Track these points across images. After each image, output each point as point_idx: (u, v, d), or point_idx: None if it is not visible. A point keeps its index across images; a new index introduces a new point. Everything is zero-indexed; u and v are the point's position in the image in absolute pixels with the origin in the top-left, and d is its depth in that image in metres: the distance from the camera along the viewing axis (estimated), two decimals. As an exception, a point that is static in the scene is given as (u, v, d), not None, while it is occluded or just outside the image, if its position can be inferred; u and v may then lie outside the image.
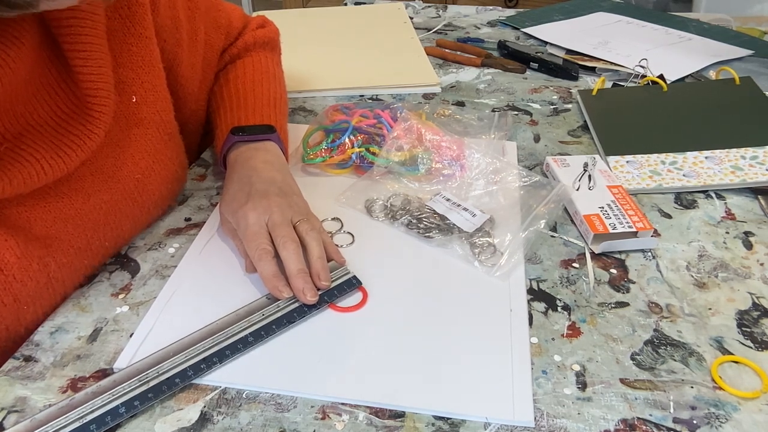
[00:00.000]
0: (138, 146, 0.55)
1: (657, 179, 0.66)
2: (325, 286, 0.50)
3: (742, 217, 0.62)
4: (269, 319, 0.48)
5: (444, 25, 1.18)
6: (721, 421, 0.41)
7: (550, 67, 0.96)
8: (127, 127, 0.54)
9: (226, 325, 0.48)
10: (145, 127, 0.56)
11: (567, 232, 0.60)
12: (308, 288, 0.49)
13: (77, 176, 0.50)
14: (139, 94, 0.55)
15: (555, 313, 0.50)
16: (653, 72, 0.84)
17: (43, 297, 0.48)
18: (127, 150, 0.54)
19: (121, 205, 0.54)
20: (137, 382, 0.43)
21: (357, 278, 0.52)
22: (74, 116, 0.48)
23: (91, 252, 0.52)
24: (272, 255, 0.50)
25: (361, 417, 0.42)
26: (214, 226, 0.60)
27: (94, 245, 0.52)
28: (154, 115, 0.56)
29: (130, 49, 0.53)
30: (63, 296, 0.51)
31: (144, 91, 0.55)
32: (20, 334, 0.48)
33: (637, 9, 1.22)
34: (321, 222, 0.57)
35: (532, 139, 0.77)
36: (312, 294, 0.49)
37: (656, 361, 0.46)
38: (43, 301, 0.49)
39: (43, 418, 0.40)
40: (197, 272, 0.54)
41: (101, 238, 0.52)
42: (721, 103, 0.78)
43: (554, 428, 0.41)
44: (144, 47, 0.54)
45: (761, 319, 0.50)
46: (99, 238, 0.52)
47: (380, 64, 0.97)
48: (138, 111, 0.55)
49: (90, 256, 0.52)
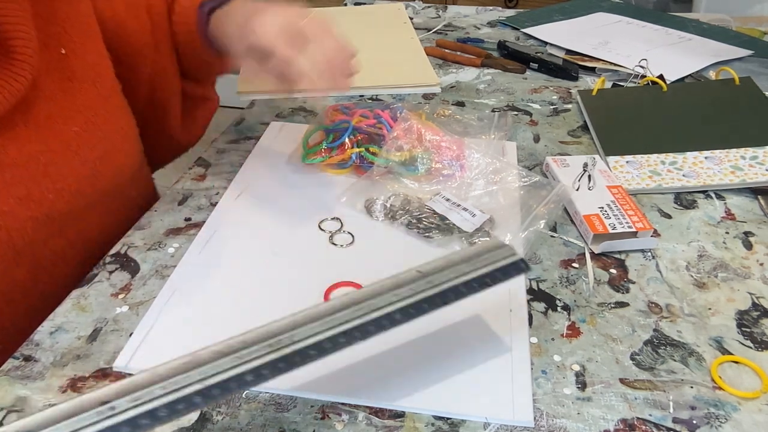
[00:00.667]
0: (72, 100, 0.56)
1: (657, 179, 0.66)
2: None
3: (742, 217, 0.62)
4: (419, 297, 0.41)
5: (444, 25, 1.18)
6: (720, 421, 0.41)
7: (550, 67, 0.96)
8: (60, 80, 0.55)
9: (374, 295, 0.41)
10: (79, 82, 0.56)
11: (567, 232, 0.60)
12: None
13: (9, 125, 0.51)
14: (69, 48, 0.55)
15: (555, 313, 0.50)
16: (653, 72, 0.84)
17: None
18: (60, 103, 0.55)
19: (60, 157, 0.54)
20: (267, 347, 0.37)
21: (525, 262, 0.45)
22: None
23: (33, 202, 0.52)
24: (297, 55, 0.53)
25: (360, 417, 0.42)
26: (214, 226, 0.60)
27: (35, 195, 0.52)
28: (88, 69, 0.57)
29: (53, 4, 0.54)
30: (12, 250, 0.51)
31: (73, 44, 0.56)
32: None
33: (637, 9, 1.22)
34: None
35: (532, 139, 0.77)
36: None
37: (656, 361, 0.46)
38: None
39: (165, 372, 0.35)
40: (197, 272, 0.54)
41: (42, 189, 0.52)
42: (721, 103, 0.78)
43: (554, 428, 0.41)
44: (68, 3, 0.55)
45: (761, 319, 0.50)
46: (40, 189, 0.52)
47: (380, 65, 0.97)
48: (69, 64, 0.56)
49: (32, 206, 0.52)
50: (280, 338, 0.37)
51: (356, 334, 0.38)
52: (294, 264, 0.55)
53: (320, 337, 0.38)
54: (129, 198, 0.64)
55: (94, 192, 0.58)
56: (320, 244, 0.58)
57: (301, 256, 0.56)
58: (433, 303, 0.40)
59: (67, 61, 0.55)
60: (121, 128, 0.60)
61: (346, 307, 0.39)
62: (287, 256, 0.56)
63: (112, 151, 0.59)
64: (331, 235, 0.59)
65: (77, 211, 0.56)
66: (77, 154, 0.55)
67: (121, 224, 0.61)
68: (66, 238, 0.56)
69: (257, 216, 0.61)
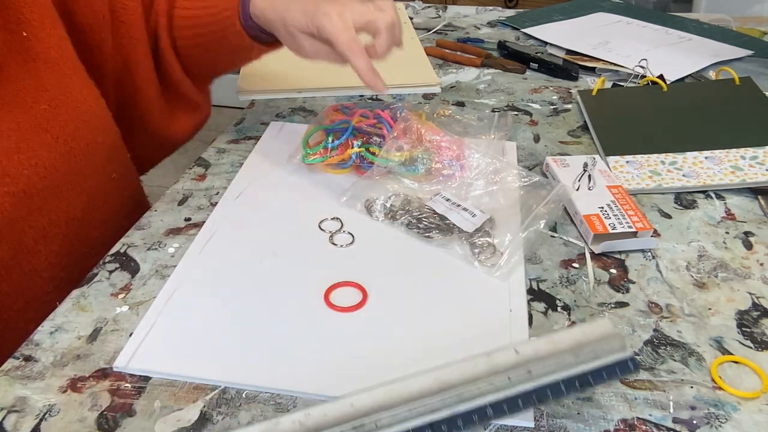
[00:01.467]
0: (38, 79, 0.57)
1: (657, 179, 0.66)
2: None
3: (742, 217, 0.62)
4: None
5: (444, 25, 1.18)
6: (720, 421, 0.41)
7: (550, 67, 0.96)
8: (24, 61, 0.56)
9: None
10: (42, 62, 0.57)
11: (567, 232, 0.60)
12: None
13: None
14: (29, 30, 0.56)
15: (555, 313, 0.50)
16: (653, 72, 0.84)
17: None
18: (26, 83, 0.56)
19: (31, 134, 0.55)
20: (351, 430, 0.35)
21: (635, 361, 0.39)
22: None
23: (9, 178, 0.53)
24: (363, 47, 0.57)
25: (360, 417, 0.41)
26: (214, 226, 0.60)
27: (10, 171, 0.53)
28: (50, 50, 0.58)
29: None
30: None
31: (32, 27, 0.57)
32: None
33: (637, 9, 1.22)
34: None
35: (532, 139, 0.77)
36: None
37: (656, 361, 0.46)
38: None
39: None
40: (197, 272, 0.54)
41: (17, 165, 0.53)
42: (721, 104, 0.78)
43: (554, 428, 0.41)
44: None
45: (761, 319, 0.50)
46: (14, 165, 0.53)
47: (380, 65, 0.97)
48: (32, 46, 0.57)
49: (8, 182, 0.53)
50: (363, 421, 0.35)
51: (443, 427, 0.36)
52: (294, 264, 0.55)
53: (406, 426, 0.35)
54: (108, 177, 0.65)
55: (70, 169, 0.58)
56: (320, 244, 0.58)
57: (301, 256, 0.56)
58: (527, 400, 0.37)
59: (29, 43, 0.57)
60: (90, 107, 0.61)
61: (434, 393, 0.37)
62: (287, 256, 0.56)
63: (83, 128, 0.60)
64: (331, 235, 0.59)
65: (54, 187, 0.57)
66: (48, 131, 0.56)
67: (104, 206, 0.63)
68: (48, 216, 0.57)
69: (257, 216, 0.61)
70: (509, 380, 0.37)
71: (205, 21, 0.69)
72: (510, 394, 0.36)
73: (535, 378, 0.37)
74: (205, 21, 0.69)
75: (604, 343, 0.39)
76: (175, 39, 0.71)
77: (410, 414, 0.35)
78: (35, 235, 0.56)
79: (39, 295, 0.56)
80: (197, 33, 0.70)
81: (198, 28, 0.70)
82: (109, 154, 0.65)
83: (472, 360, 0.38)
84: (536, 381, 0.37)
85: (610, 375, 0.39)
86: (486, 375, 0.37)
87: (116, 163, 0.67)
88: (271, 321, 0.49)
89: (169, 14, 0.70)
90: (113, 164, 0.66)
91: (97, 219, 0.61)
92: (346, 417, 0.35)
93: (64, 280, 0.58)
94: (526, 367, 0.37)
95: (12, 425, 0.40)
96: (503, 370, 0.37)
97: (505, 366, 0.37)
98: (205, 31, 0.69)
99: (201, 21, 0.69)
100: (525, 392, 0.37)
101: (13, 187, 0.53)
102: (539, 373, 0.37)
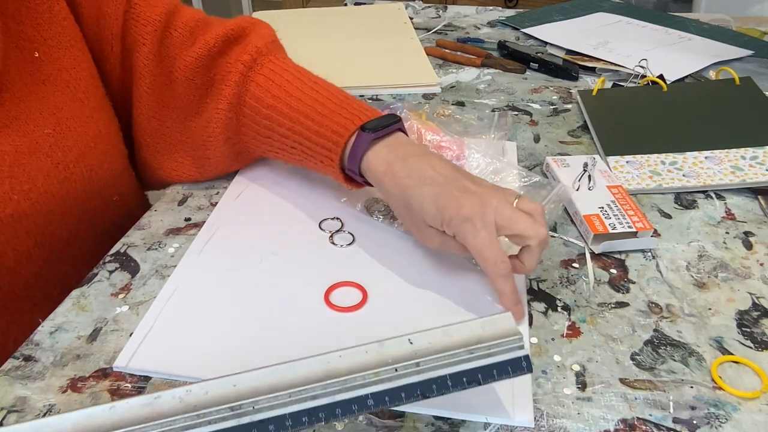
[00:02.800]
0: (44, 102, 0.54)
1: (657, 179, 0.66)
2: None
3: (742, 217, 0.62)
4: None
5: (444, 25, 1.18)
6: (721, 421, 0.41)
7: (550, 67, 0.96)
8: (32, 83, 0.54)
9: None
10: (52, 84, 0.55)
11: (567, 232, 0.60)
12: None
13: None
14: (42, 51, 0.54)
15: (555, 313, 0.50)
16: (653, 72, 0.84)
17: None
18: (31, 105, 0.53)
19: (28, 159, 0.52)
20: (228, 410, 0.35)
21: (529, 361, 0.38)
22: None
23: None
24: (511, 268, 0.46)
25: (360, 417, 0.41)
26: (214, 226, 0.60)
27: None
28: (61, 72, 0.55)
29: (27, 6, 0.53)
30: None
31: (47, 48, 0.54)
32: None
33: (637, 9, 1.22)
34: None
35: (532, 139, 0.77)
36: None
37: (656, 361, 0.46)
38: None
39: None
40: (197, 272, 0.54)
41: (7, 190, 0.51)
42: (721, 104, 0.78)
43: (554, 428, 0.41)
44: (43, 4, 0.54)
45: (761, 319, 0.50)
46: (4, 190, 0.51)
47: (380, 65, 0.97)
48: (42, 67, 0.54)
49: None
50: (241, 402, 0.35)
51: (320, 414, 0.35)
52: (294, 264, 0.55)
53: (283, 411, 0.35)
54: (107, 201, 0.61)
55: (66, 194, 0.55)
56: (320, 244, 0.58)
57: (301, 256, 0.56)
58: (411, 394, 0.36)
59: (40, 63, 0.54)
60: (99, 131, 0.58)
61: (319, 380, 0.36)
62: (287, 256, 0.56)
63: (87, 153, 0.57)
64: (331, 235, 0.59)
65: (45, 212, 0.54)
66: (49, 156, 0.54)
67: (96, 224, 0.59)
68: (34, 239, 0.54)
69: (257, 216, 0.61)
70: (395, 371, 0.37)
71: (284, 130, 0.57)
72: (394, 386, 0.36)
73: (423, 371, 0.37)
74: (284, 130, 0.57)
75: (502, 340, 0.38)
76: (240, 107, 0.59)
77: (290, 400, 0.35)
78: (17, 257, 0.54)
79: (18, 314, 0.54)
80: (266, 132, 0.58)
81: (270, 130, 0.58)
82: (112, 178, 0.61)
83: (364, 347, 0.37)
84: (423, 375, 0.37)
85: (501, 374, 0.38)
86: (375, 365, 0.37)
87: (120, 186, 0.64)
88: (271, 321, 0.49)
89: (245, 74, 0.59)
90: (116, 188, 0.63)
91: (87, 239, 0.59)
92: (226, 397, 0.35)
93: (42, 299, 0.56)
94: (415, 360, 0.37)
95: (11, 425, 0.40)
96: (392, 362, 0.37)
97: (394, 357, 0.37)
98: (278, 136, 0.58)
99: (281, 128, 0.57)
100: (410, 385, 0.36)
101: (0, 212, 0.51)
102: (428, 366, 0.37)
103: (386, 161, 0.51)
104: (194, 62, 0.59)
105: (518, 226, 0.45)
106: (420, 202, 0.48)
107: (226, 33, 0.59)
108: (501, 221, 0.45)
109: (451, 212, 0.46)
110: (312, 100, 0.56)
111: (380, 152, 0.51)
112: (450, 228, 0.47)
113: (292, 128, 0.56)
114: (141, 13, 0.58)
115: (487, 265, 0.45)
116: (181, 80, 0.60)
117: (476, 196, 0.46)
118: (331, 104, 0.55)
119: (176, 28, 0.59)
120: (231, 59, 0.59)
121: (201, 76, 0.60)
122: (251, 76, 0.59)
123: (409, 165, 0.50)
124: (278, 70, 0.59)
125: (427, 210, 0.47)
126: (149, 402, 0.34)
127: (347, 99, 0.56)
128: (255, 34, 0.61)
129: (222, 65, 0.60)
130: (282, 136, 0.57)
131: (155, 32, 0.58)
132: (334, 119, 0.53)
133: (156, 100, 0.61)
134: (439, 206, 0.47)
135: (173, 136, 0.64)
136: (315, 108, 0.55)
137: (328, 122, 0.54)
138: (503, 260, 0.45)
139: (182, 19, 0.60)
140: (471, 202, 0.46)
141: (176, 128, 0.63)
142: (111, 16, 0.57)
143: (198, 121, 0.62)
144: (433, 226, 0.48)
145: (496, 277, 0.45)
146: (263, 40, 0.61)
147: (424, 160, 0.50)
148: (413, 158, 0.50)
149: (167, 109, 0.62)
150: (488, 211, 0.45)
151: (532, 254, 0.46)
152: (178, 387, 0.35)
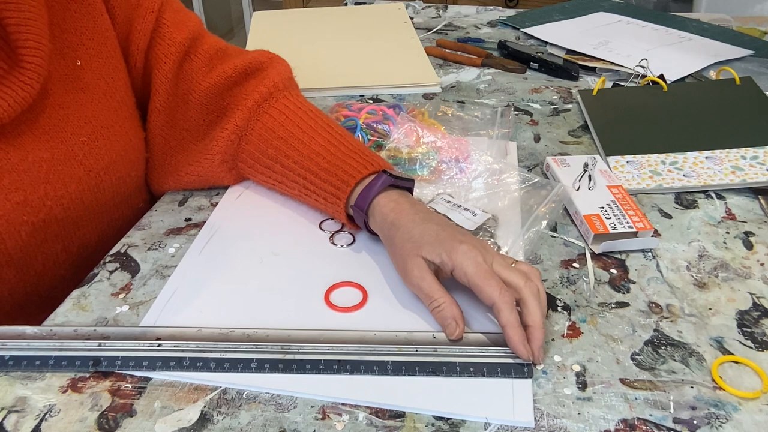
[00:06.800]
0: (83, 110, 0.55)
1: (657, 179, 0.66)
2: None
3: (743, 217, 0.62)
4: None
5: (444, 25, 1.18)
6: (721, 421, 0.41)
7: (551, 67, 0.96)
8: (73, 90, 0.55)
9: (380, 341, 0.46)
10: (91, 93, 0.56)
11: (567, 232, 0.60)
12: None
13: (15, 132, 0.51)
14: (84, 59, 0.55)
15: (555, 314, 0.50)
16: (653, 72, 0.84)
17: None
18: (70, 112, 0.54)
19: (63, 165, 0.54)
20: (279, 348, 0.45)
21: (531, 368, 0.44)
22: (6, 68, 0.48)
23: (30, 208, 0.52)
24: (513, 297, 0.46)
25: (361, 417, 0.41)
26: (214, 226, 0.60)
27: (33, 201, 0.52)
28: (100, 80, 0.57)
29: (73, 15, 0.54)
30: (2, 253, 0.51)
31: (88, 56, 0.55)
32: None
33: (637, 9, 1.22)
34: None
35: (532, 139, 0.77)
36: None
37: (656, 361, 0.46)
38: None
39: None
40: (197, 272, 0.54)
41: (41, 196, 0.52)
42: (721, 103, 0.78)
43: (554, 428, 0.41)
44: (87, 14, 0.55)
45: (761, 319, 0.50)
46: (39, 196, 0.52)
47: (380, 64, 0.97)
48: (83, 75, 0.55)
49: (29, 212, 0.52)
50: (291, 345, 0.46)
51: (347, 366, 0.44)
52: (294, 264, 0.55)
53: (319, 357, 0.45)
54: (134, 207, 0.64)
55: (96, 201, 0.57)
56: (320, 244, 0.58)
57: (301, 256, 0.56)
58: (424, 369, 0.44)
59: (81, 71, 0.55)
60: (129, 140, 0.60)
61: (353, 342, 0.46)
62: (287, 256, 0.56)
63: (118, 162, 0.58)
64: (332, 236, 0.59)
65: (76, 218, 0.56)
66: (82, 163, 0.55)
67: (122, 230, 0.61)
68: (62, 243, 0.56)
69: (257, 216, 0.61)
70: (416, 351, 0.46)
71: (291, 163, 0.59)
72: (412, 360, 0.45)
73: (438, 355, 0.45)
74: (291, 163, 0.59)
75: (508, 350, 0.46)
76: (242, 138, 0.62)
77: (327, 350, 0.46)
78: (45, 261, 0.55)
79: (42, 317, 0.55)
80: (268, 163, 0.60)
81: (273, 160, 0.60)
82: (138, 186, 0.63)
83: (395, 332, 0.47)
84: (438, 358, 0.45)
85: (504, 373, 0.44)
86: (401, 343, 0.46)
87: (144, 193, 0.66)
88: (271, 321, 0.49)
89: (260, 104, 0.62)
90: (141, 195, 0.65)
91: (111, 245, 0.59)
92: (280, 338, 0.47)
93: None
94: (434, 346, 0.46)
95: (12, 425, 0.40)
96: (415, 344, 0.46)
97: (417, 341, 0.47)
98: (281, 167, 0.60)
99: (287, 160, 0.59)
100: (425, 362, 0.45)
101: (33, 217, 0.52)
102: (444, 353, 0.46)
103: (396, 200, 0.53)
104: (210, 88, 0.61)
105: (510, 276, 0.46)
106: (422, 233, 0.49)
107: (245, 65, 0.62)
108: (496, 267, 0.47)
109: (453, 244, 0.47)
110: (325, 140, 0.58)
111: (392, 194, 0.54)
112: (450, 256, 0.47)
113: (299, 162, 0.58)
114: (167, 34, 0.60)
115: (492, 293, 0.45)
116: (196, 104, 0.62)
117: (478, 243, 0.48)
118: (345, 148, 0.58)
119: (197, 54, 0.62)
120: (247, 90, 0.62)
121: (214, 103, 0.62)
122: (265, 107, 0.62)
123: (417, 207, 0.53)
124: (293, 107, 0.62)
125: (427, 240, 0.49)
126: (225, 334, 0.47)
127: (362, 146, 0.59)
128: (273, 70, 0.64)
129: (237, 94, 0.63)
130: (286, 168, 0.59)
131: (177, 54, 0.60)
132: (347, 161, 0.56)
133: (166, 118, 0.63)
134: (440, 238, 0.48)
135: (174, 156, 0.64)
136: (327, 148, 0.58)
137: (341, 163, 0.56)
138: (507, 288, 0.45)
139: (204, 45, 0.62)
140: (473, 243, 0.48)
141: (178, 148, 0.64)
142: (140, 32, 0.60)
143: (200, 144, 0.64)
144: (427, 257, 0.48)
145: (503, 305, 0.44)
146: (281, 77, 0.64)
147: (431, 212, 0.54)
148: (422, 205, 0.55)
149: (174, 130, 0.63)
150: (488, 253, 0.48)
151: (527, 307, 0.45)
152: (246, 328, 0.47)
